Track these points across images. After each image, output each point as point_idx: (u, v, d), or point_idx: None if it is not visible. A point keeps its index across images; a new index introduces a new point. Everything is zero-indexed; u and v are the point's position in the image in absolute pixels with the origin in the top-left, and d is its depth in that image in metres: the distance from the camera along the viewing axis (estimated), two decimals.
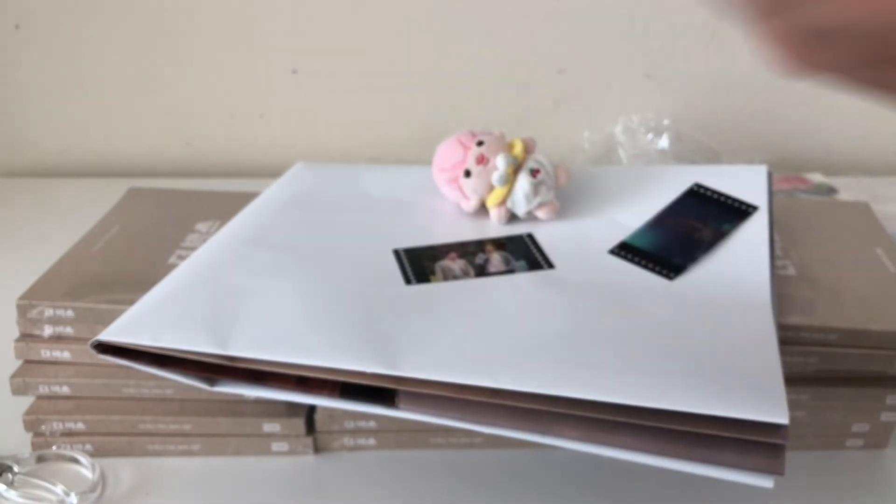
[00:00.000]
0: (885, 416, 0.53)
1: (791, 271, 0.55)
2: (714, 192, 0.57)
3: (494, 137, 0.57)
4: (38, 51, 0.90)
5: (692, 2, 0.87)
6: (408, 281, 0.50)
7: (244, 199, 0.63)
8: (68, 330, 0.52)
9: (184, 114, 0.93)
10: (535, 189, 0.55)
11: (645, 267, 0.51)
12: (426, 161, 0.61)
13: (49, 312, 0.52)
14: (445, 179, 0.58)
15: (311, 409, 0.53)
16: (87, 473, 0.52)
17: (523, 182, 0.55)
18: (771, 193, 0.57)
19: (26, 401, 0.54)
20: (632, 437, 0.40)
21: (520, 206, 0.56)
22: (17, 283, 0.54)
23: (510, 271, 0.51)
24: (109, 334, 0.44)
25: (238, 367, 0.43)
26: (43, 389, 0.53)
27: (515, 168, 0.56)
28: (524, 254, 0.53)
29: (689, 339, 0.43)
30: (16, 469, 0.51)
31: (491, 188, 0.56)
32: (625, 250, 0.52)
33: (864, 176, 0.92)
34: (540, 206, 0.56)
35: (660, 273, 0.50)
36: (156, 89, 0.92)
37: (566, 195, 0.59)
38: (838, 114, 0.92)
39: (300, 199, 0.59)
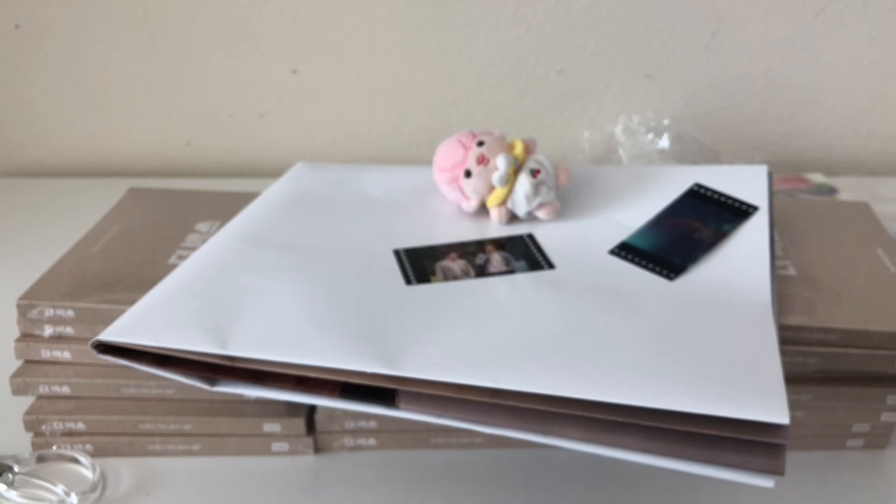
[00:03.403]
0: (886, 416, 0.53)
1: (791, 271, 0.55)
2: (714, 192, 0.57)
3: (495, 138, 0.57)
4: (38, 51, 0.90)
5: (692, 2, 0.87)
6: (408, 281, 0.50)
7: (244, 199, 0.63)
8: (68, 330, 0.52)
9: (184, 114, 0.93)
10: (536, 189, 0.55)
11: (645, 267, 0.51)
12: (426, 161, 0.61)
13: (49, 312, 0.52)
14: (446, 179, 0.58)
15: (311, 409, 0.54)
16: (88, 473, 0.52)
17: (524, 182, 0.55)
18: (771, 193, 0.57)
19: (26, 401, 0.54)
20: (632, 437, 0.40)
21: (520, 206, 0.56)
22: (17, 283, 0.54)
23: (510, 271, 0.51)
24: (110, 334, 0.44)
25: (238, 367, 0.43)
26: (43, 389, 0.53)
27: (516, 168, 0.56)
28: (524, 254, 0.53)
29: (689, 339, 0.43)
30: (16, 469, 0.51)
31: (491, 188, 0.56)
32: (625, 250, 0.52)
33: (864, 176, 0.92)
34: (540, 206, 0.56)
35: (660, 273, 0.50)
36: (156, 89, 0.92)
37: (566, 195, 0.59)
38: (838, 114, 0.92)
39: (300, 199, 0.59)
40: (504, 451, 0.54)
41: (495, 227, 0.56)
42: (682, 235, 0.53)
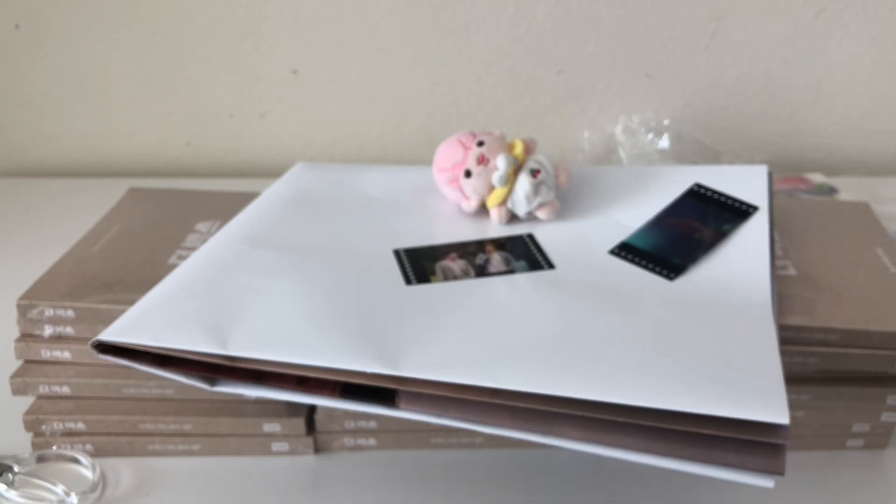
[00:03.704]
0: (886, 416, 0.53)
1: (791, 271, 0.55)
2: (714, 192, 0.57)
3: (495, 138, 0.57)
4: (38, 51, 0.90)
5: (692, 2, 0.87)
6: (408, 281, 0.50)
7: (244, 199, 0.63)
8: (68, 330, 0.52)
9: (184, 114, 0.93)
10: (536, 189, 0.55)
11: (645, 267, 0.51)
12: (426, 161, 0.61)
13: (49, 312, 0.52)
14: (445, 180, 0.58)
15: (311, 409, 0.54)
16: (87, 473, 0.52)
17: (524, 182, 0.55)
18: (771, 193, 0.57)
19: (26, 401, 0.54)
20: (632, 437, 0.40)
21: (520, 206, 0.56)
22: (18, 283, 0.54)
23: (510, 271, 0.51)
24: (110, 334, 0.44)
25: (238, 367, 0.43)
26: (43, 389, 0.53)
27: (516, 168, 0.56)
28: (524, 254, 0.53)
29: (689, 339, 0.43)
30: (16, 469, 0.51)
31: (491, 188, 0.56)
32: (625, 250, 0.52)
33: (864, 176, 0.92)
34: (540, 206, 0.56)
35: (660, 273, 0.50)
36: (156, 89, 0.92)
37: (566, 195, 0.59)
38: (838, 114, 0.92)
39: (300, 199, 0.59)
40: (504, 451, 0.54)
41: (495, 227, 0.56)
42: (682, 235, 0.53)
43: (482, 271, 0.51)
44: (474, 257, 0.52)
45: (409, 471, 0.53)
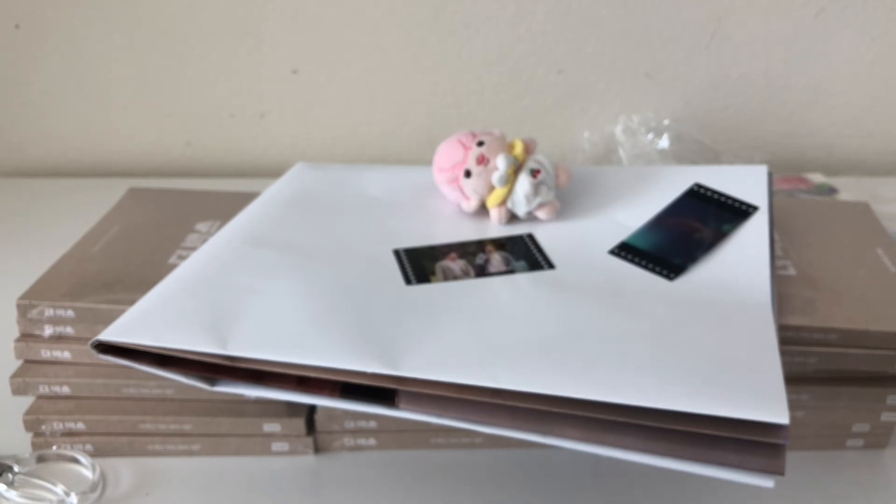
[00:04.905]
0: (886, 416, 0.53)
1: (791, 271, 0.55)
2: (714, 192, 0.57)
3: (494, 138, 0.57)
4: (38, 51, 0.90)
5: (692, 2, 0.87)
6: (408, 281, 0.50)
7: (244, 199, 0.63)
8: (68, 330, 0.52)
9: (184, 114, 0.93)
10: (536, 189, 0.55)
11: (645, 267, 0.51)
12: (426, 161, 0.61)
13: (49, 312, 0.52)
14: (445, 180, 0.58)
15: (311, 409, 0.54)
16: (87, 473, 0.52)
17: (524, 182, 0.55)
18: (771, 193, 0.57)
19: (26, 401, 0.54)
20: (632, 437, 0.40)
21: (520, 206, 0.56)
22: (17, 283, 0.54)
23: (510, 271, 0.51)
24: (110, 334, 0.44)
25: (238, 367, 0.43)
26: (43, 389, 0.53)
27: (516, 168, 0.56)
28: (524, 254, 0.53)
29: (690, 339, 0.43)
30: (16, 469, 0.51)
31: (491, 188, 0.56)
32: (625, 250, 0.52)
33: (864, 176, 0.92)
34: (540, 206, 0.56)
35: (660, 273, 0.50)
36: (156, 89, 0.92)
37: (566, 195, 0.59)
38: (838, 114, 0.92)
39: (300, 199, 0.59)
40: (504, 451, 0.54)
41: (495, 227, 0.56)
42: (682, 235, 0.53)
43: (482, 271, 0.51)
44: (474, 257, 0.52)
45: (409, 471, 0.53)
